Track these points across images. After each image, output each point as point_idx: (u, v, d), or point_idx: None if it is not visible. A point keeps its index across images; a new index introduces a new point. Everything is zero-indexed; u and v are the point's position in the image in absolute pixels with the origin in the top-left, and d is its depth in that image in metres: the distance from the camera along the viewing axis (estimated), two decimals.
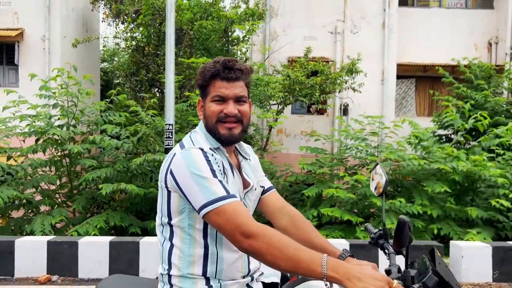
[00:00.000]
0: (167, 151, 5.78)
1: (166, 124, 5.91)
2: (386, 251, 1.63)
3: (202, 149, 1.48)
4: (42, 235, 5.39)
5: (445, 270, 1.45)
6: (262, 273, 1.68)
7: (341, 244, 4.94)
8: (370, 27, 11.38)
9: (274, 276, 1.70)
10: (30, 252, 4.74)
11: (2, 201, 5.52)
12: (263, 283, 1.66)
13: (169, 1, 5.83)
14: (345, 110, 11.35)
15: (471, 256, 4.78)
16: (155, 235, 1.67)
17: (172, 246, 1.53)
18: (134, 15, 11.86)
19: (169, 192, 1.50)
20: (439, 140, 8.63)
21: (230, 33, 9.89)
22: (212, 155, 1.48)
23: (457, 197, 6.59)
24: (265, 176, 1.84)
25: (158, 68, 11.20)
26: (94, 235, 5.43)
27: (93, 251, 4.76)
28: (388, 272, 1.56)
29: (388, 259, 1.58)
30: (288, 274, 1.73)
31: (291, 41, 10.84)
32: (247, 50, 11.55)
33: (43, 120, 6.44)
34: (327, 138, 7.61)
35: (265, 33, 11.08)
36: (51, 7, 10.82)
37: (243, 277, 1.58)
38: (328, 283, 1.35)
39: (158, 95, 13.68)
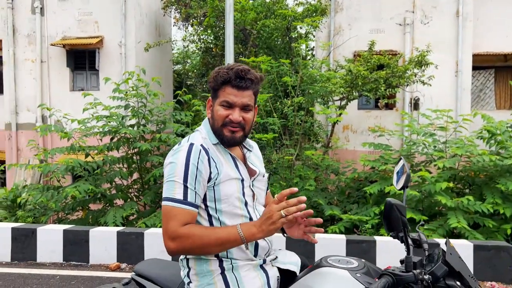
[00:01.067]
0: None
1: None
2: (404, 243, 1.61)
3: (191, 146, 1.60)
4: (114, 226, 5.83)
5: (456, 260, 1.42)
6: (276, 257, 1.75)
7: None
8: (443, 16, 10.78)
9: (291, 264, 1.75)
10: (102, 241, 5.17)
11: (80, 194, 6.06)
12: (278, 268, 1.72)
13: (228, 2, 6.01)
14: (415, 105, 10.89)
15: None
16: None
17: None
18: (202, 18, 12.31)
19: None
20: None
21: (293, 31, 9.90)
22: (200, 151, 1.59)
23: None
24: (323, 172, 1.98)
25: None
26: (160, 227, 5.76)
27: (158, 241, 5.07)
28: (402, 261, 1.56)
29: (406, 250, 1.57)
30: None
31: (356, 35, 10.62)
32: (313, 48, 11.48)
33: (115, 120, 6.93)
34: (392, 133, 7.35)
35: (330, 28, 10.94)
36: (127, 14, 11.57)
37: (254, 257, 1.66)
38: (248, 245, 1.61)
39: None
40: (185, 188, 1.56)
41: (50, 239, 5.22)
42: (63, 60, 11.82)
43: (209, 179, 1.60)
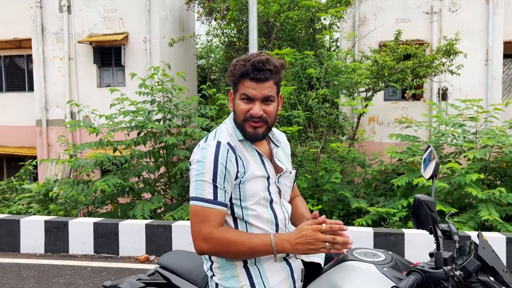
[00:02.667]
0: None
1: None
2: (434, 238, 1.57)
3: (219, 144, 1.56)
4: (142, 219, 5.94)
5: (490, 254, 1.37)
6: None
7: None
8: (472, 3, 10.45)
9: (316, 256, 1.73)
10: (131, 234, 5.27)
11: (108, 188, 6.19)
12: (302, 261, 1.70)
13: None
14: (444, 95, 10.63)
15: None
16: None
17: None
18: (225, 12, 12.31)
19: None
20: None
21: (317, 22, 9.79)
22: (228, 150, 1.56)
23: None
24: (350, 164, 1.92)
25: None
26: (187, 219, 5.84)
27: (185, 234, 5.14)
28: (431, 255, 1.53)
29: (435, 243, 1.53)
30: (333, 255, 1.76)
31: (382, 25, 10.42)
32: (337, 39, 11.33)
33: (142, 115, 7.03)
34: (419, 124, 7.19)
35: (354, 18, 10.77)
36: (151, 10, 11.68)
37: None
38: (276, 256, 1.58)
39: None
40: (215, 187, 1.53)
41: (81, 232, 5.36)
42: (90, 57, 12.05)
43: (236, 178, 1.58)
